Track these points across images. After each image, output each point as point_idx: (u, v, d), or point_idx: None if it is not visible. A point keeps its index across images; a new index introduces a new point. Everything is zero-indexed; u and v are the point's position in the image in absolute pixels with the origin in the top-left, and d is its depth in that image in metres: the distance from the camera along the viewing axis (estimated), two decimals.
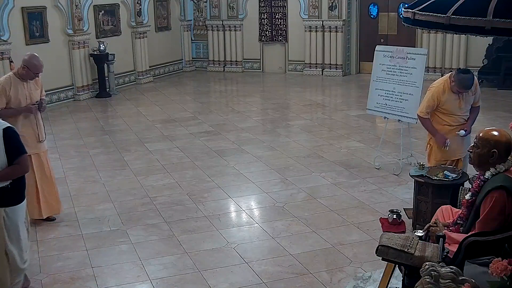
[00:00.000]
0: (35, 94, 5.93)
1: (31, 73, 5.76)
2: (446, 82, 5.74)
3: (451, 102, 5.73)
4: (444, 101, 5.73)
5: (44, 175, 6.09)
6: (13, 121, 5.77)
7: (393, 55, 7.57)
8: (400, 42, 12.73)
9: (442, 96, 5.71)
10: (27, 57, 5.73)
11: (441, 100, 5.73)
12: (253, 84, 14.55)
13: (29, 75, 5.78)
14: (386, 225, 5.81)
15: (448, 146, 5.78)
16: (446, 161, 5.90)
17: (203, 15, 16.27)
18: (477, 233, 3.65)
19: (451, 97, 5.71)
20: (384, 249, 3.88)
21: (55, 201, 6.21)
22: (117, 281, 4.94)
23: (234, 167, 7.89)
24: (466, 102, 5.79)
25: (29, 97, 5.85)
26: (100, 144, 9.28)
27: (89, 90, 12.96)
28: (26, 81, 5.83)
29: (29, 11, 11.47)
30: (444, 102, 5.73)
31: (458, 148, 5.87)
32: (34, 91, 5.94)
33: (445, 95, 5.71)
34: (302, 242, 5.56)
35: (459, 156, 5.92)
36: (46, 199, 6.10)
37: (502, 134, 3.79)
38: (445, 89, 5.71)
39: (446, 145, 5.76)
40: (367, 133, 9.52)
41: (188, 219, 6.19)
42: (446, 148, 5.78)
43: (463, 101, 5.75)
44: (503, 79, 12.77)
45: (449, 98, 5.71)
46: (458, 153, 5.90)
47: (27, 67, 5.70)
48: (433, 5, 3.55)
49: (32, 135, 5.91)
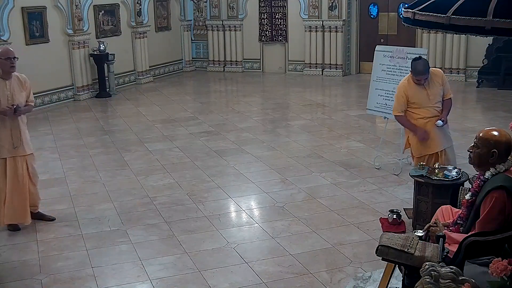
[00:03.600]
0: (18, 96, 5.77)
1: (4, 62, 5.65)
2: (409, 77, 6.03)
3: (418, 95, 5.95)
4: (411, 95, 5.96)
5: (16, 181, 5.83)
6: None
7: (393, 55, 7.58)
8: (400, 42, 12.74)
9: (408, 91, 5.97)
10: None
11: (408, 95, 5.97)
12: (253, 84, 14.55)
13: (4, 66, 5.67)
14: (386, 225, 5.81)
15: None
16: (426, 155, 6.00)
17: (203, 15, 16.27)
18: (477, 233, 3.65)
19: (417, 90, 5.95)
20: (384, 249, 3.87)
21: (22, 209, 5.89)
22: (117, 281, 4.94)
23: (234, 167, 7.89)
24: (435, 94, 5.96)
25: (11, 98, 5.71)
26: (100, 144, 9.28)
27: (89, 90, 12.96)
28: (8, 79, 5.74)
29: (29, 11, 11.47)
30: (412, 96, 5.96)
31: (437, 140, 5.98)
32: (18, 93, 5.79)
33: (411, 89, 5.96)
34: (302, 242, 5.56)
35: (439, 149, 6.01)
36: (13, 206, 5.84)
37: (502, 134, 3.79)
38: (409, 83, 6.00)
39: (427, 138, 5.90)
40: (367, 133, 9.52)
41: (188, 219, 6.19)
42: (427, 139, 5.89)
43: (430, 91, 5.94)
44: (503, 79, 12.77)
45: (415, 91, 5.95)
46: (437, 146, 6.00)
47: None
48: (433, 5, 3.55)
49: (7, 138, 5.74)
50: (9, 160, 5.80)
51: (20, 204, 5.90)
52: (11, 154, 5.80)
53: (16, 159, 5.84)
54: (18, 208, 5.90)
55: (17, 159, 5.85)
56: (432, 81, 5.97)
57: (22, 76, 5.93)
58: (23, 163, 5.91)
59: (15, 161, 5.84)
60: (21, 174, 5.88)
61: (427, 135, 5.93)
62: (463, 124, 9.87)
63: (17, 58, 5.78)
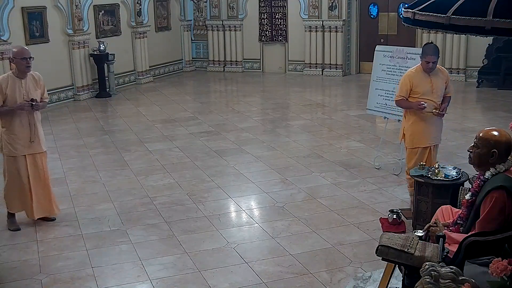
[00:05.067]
0: (33, 94, 5.86)
1: (20, 62, 5.73)
2: (418, 66, 6.09)
3: (423, 83, 5.99)
4: (416, 84, 6.00)
5: (38, 177, 6.01)
6: (9, 120, 5.80)
7: (393, 55, 7.59)
8: (400, 42, 12.73)
9: (414, 78, 6.02)
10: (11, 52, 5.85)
11: (413, 82, 6.01)
12: (253, 84, 14.55)
13: (20, 65, 5.75)
14: (386, 225, 5.81)
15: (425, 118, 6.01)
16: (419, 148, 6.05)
17: (203, 15, 16.27)
18: (477, 233, 3.65)
19: (422, 79, 5.99)
20: (384, 249, 3.87)
21: (48, 203, 6.11)
22: (117, 281, 4.94)
23: (234, 167, 7.89)
24: (438, 87, 6.01)
25: (26, 96, 5.79)
26: (100, 144, 9.28)
27: (89, 90, 12.96)
28: (23, 78, 5.81)
29: (29, 11, 11.48)
30: (417, 85, 6.00)
31: (430, 134, 6.06)
32: (33, 91, 5.88)
33: (417, 77, 6.01)
34: (302, 242, 5.56)
35: (431, 143, 6.08)
36: (39, 200, 6.04)
37: (502, 134, 3.79)
38: (417, 71, 6.05)
39: (424, 106, 5.91)
40: (367, 133, 9.52)
41: (188, 219, 6.19)
42: (425, 106, 5.91)
43: (434, 82, 5.99)
44: (503, 79, 12.77)
45: (420, 80, 5.99)
46: (430, 140, 6.07)
47: (14, 58, 5.74)
48: (433, 5, 3.55)
49: (27, 136, 5.86)
50: (29, 158, 5.93)
51: (46, 197, 6.11)
52: (28, 150, 5.91)
53: (35, 156, 5.99)
54: (44, 202, 6.10)
55: (36, 156, 6.00)
56: (438, 74, 6.03)
57: (36, 74, 6.02)
58: (41, 159, 6.06)
59: (34, 158, 5.99)
60: (42, 169, 6.07)
61: (423, 104, 5.93)
62: (463, 124, 9.87)
63: (32, 58, 5.87)
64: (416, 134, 6.07)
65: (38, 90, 5.96)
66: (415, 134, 6.07)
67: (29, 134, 5.87)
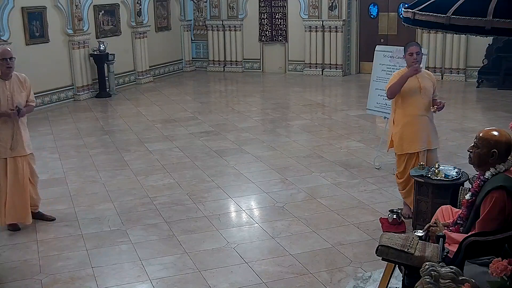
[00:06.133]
0: (18, 96, 5.76)
1: (0, 63, 5.63)
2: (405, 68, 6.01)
3: (411, 83, 5.85)
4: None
5: (17, 181, 5.84)
6: None
7: (393, 55, 7.58)
8: (400, 42, 12.64)
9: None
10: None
11: None
12: (253, 84, 14.55)
13: (1, 67, 5.66)
14: (386, 225, 5.81)
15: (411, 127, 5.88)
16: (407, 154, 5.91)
17: (203, 15, 16.27)
18: (477, 233, 3.65)
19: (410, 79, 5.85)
20: (384, 249, 3.87)
21: (23, 209, 5.90)
22: (117, 281, 4.94)
23: (234, 167, 7.89)
24: (426, 87, 5.89)
25: (10, 98, 5.70)
26: (100, 144, 9.28)
27: (89, 90, 12.96)
28: (7, 80, 5.72)
29: (29, 11, 11.48)
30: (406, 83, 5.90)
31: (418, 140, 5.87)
32: (18, 93, 5.78)
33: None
34: (302, 242, 5.56)
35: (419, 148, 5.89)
36: (14, 206, 5.85)
37: (502, 134, 3.79)
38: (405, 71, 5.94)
39: (418, 65, 5.85)
40: (367, 133, 9.52)
41: (188, 219, 6.19)
42: (419, 65, 5.87)
43: (421, 83, 5.87)
44: (503, 79, 12.77)
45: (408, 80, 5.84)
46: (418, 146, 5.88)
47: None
48: (433, 5, 3.55)
49: (8, 139, 5.74)
50: (10, 160, 5.80)
51: (21, 204, 5.91)
52: (10, 153, 5.80)
53: (16, 159, 5.84)
54: (19, 208, 5.90)
55: (17, 159, 5.85)
56: (425, 76, 5.99)
57: (22, 75, 5.91)
58: (23, 163, 5.91)
59: (16, 161, 5.84)
60: (22, 174, 5.88)
61: (416, 66, 5.86)
62: (463, 124, 9.87)
63: (14, 58, 5.75)
64: (406, 139, 5.90)
65: (24, 92, 5.86)
66: (405, 138, 5.91)
67: (11, 141, 5.75)
